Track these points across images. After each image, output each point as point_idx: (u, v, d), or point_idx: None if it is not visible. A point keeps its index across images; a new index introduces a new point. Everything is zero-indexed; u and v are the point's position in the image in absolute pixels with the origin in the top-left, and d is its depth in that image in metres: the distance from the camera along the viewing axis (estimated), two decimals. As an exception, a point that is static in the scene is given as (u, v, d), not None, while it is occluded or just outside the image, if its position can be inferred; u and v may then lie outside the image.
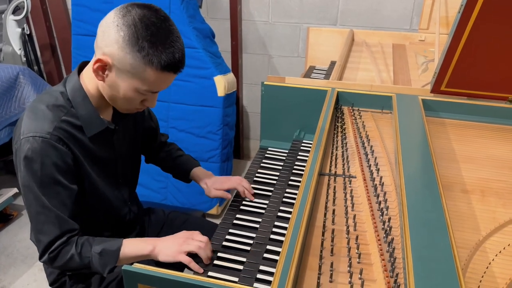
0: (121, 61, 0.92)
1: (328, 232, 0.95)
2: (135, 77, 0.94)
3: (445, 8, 2.05)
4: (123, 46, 0.90)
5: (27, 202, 1.00)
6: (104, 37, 0.93)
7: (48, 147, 0.96)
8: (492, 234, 0.94)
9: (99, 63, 0.94)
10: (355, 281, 0.83)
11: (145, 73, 0.93)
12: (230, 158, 2.44)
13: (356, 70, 1.88)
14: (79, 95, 1.02)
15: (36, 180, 0.96)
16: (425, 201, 0.92)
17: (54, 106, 1.00)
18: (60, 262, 1.01)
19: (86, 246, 1.01)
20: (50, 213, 0.98)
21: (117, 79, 0.96)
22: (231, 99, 2.30)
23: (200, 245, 0.98)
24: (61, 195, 0.99)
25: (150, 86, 0.96)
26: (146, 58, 0.91)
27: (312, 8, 2.46)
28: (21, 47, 2.56)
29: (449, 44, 1.31)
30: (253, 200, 1.22)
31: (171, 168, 1.38)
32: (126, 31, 0.90)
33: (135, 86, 0.96)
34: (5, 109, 2.19)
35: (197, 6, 2.27)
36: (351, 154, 1.24)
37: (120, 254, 1.01)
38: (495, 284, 0.82)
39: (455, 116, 1.43)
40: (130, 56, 0.91)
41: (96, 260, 1.00)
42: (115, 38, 0.91)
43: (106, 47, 0.92)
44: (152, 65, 0.92)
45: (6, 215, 2.44)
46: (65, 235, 1.01)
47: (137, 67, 0.92)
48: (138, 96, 0.99)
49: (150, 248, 1.01)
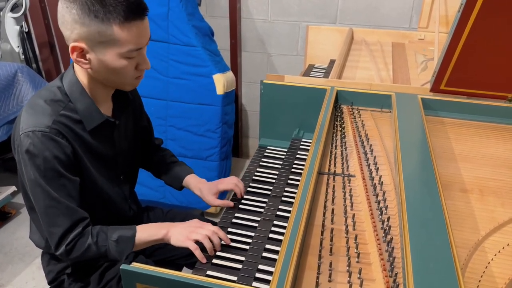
0: (89, 36, 0.92)
1: (327, 231, 0.95)
2: (109, 44, 0.94)
3: (444, 7, 2.05)
4: (82, 21, 0.91)
5: (35, 197, 1.01)
6: (64, 26, 0.94)
7: (48, 141, 0.97)
8: (491, 234, 0.94)
9: (75, 51, 0.95)
10: (354, 281, 0.82)
11: (114, 34, 0.92)
12: (229, 157, 2.44)
13: (355, 69, 1.88)
14: (76, 89, 1.03)
15: (41, 174, 0.98)
16: (424, 201, 0.92)
17: (52, 101, 1.01)
18: (76, 253, 1.03)
19: (101, 235, 1.04)
20: (60, 204, 1.00)
21: (98, 56, 0.96)
22: (230, 98, 2.29)
23: (207, 235, 1.01)
24: (67, 187, 1.01)
25: (128, 44, 0.95)
26: (105, 18, 0.90)
27: (312, 6, 2.45)
28: (20, 45, 2.55)
29: (449, 43, 1.31)
30: (249, 198, 1.22)
31: (164, 173, 1.35)
32: (75, 6, 0.91)
33: (116, 52, 0.95)
34: (3, 107, 2.19)
35: (196, 4, 2.27)
36: (350, 153, 1.24)
37: (135, 240, 1.04)
38: (494, 284, 0.82)
39: (455, 115, 1.43)
40: (92, 25, 0.91)
41: (113, 247, 1.03)
42: (71, 19, 0.91)
43: (71, 34, 0.93)
44: (115, 21, 0.91)
45: (4, 213, 2.44)
46: (78, 224, 1.03)
47: (104, 32, 0.92)
48: (126, 62, 0.98)
49: (164, 232, 1.05)
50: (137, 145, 1.28)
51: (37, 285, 2.02)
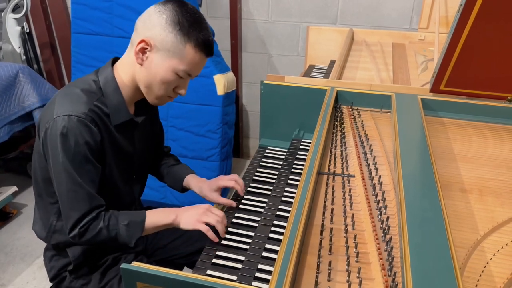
0: (163, 40, 1.02)
1: (326, 231, 0.96)
2: (174, 55, 1.04)
3: (445, 8, 2.05)
4: (165, 26, 1.02)
5: (59, 179, 1.04)
6: (145, 23, 1.04)
7: (82, 127, 1.02)
8: (490, 234, 0.94)
9: (142, 43, 1.03)
10: (353, 280, 0.83)
11: (184, 50, 1.03)
12: (229, 157, 2.44)
13: (355, 69, 1.88)
14: (111, 85, 1.10)
15: (69, 157, 1.02)
16: (424, 201, 0.93)
17: (88, 91, 1.07)
18: (88, 236, 1.06)
19: (112, 220, 1.07)
20: (82, 189, 1.04)
21: (157, 60, 1.05)
22: (231, 98, 2.30)
23: (217, 219, 1.06)
24: (91, 173, 1.06)
25: (187, 65, 1.06)
26: (186, 35, 1.02)
27: (312, 7, 2.46)
28: (21, 46, 2.56)
29: (449, 43, 1.31)
30: (249, 198, 1.22)
31: (166, 175, 1.37)
32: (168, 14, 1.03)
33: (174, 66, 1.05)
34: (4, 107, 2.19)
35: (197, 4, 2.27)
36: (350, 153, 1.24)
37: (145, 225, 1.08)
38: (493, 283, 0.82)
39: (454, 116, 1.43)
40: (172, 34, 1.02)
41: (123, 231, 1.07)
42: (158, 21, 1.02)
43: (148, 31, 1.03)
44: (191, 42, 1.03)
45: (6, 213, 2.44)
46: (94, 210, 1.06)
47: (177, 44, 1.03)
48: (174, 79, 1.07)
49: (173, 217, 1.09)
50: (151, 149, 1.33)
51: (38, 285, 2.02)
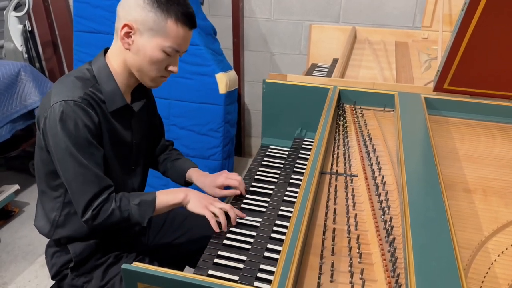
0: (144, 20, 1.04)
1: (329, 231, 0.95)
2: (158, 34, 1.05)
3: (448, 6, 2.04)
4: (144, 6, 1.04)
5: (65, 165, 1.05)
6: (125, 8, 1.06)
7: (79, 110, 1.04)
8: (494, 234, 0.93)
9: (125, 28, 1.05)
10: (356, 281, 0.82)
11: (166, 27, 1.05)
12: (231, 156, 2.44)
13: (358, 68, 1.87)
14: (104, 72, 1.12)
15: (72, 141, 1.03)
16: (427, 201, 0.92)
17: (82, 78, 1.09)
18: (101, 218, 1.07)
19: (124, 200, 1.09)
20: (89, 171, 1.06)
21: (143, 41, 1.06)
22: (233, 97, 2.29)
23: (225, 210, 1.10)
24: (95, 155, 1.08)
25: (173, 41, 1.07)
26: (165, 11, 1.04)
27: (314, 5, 2.45)
28: (23, 44, 2.56)
29: (452, 41, 1.30)
30: (251, 198, 1.22)
31: (169, 169, 1.37)
32: None
33: (160, 44, 1.06)
34: (6, 105, 2.19)
35: (199, 3, 2.26)
36: (352, 152, 1.23)
37: (156, 204, 1.11)
38: (497, 285, 0.81)
39: (458, 115, 1.42)
40: (152, 13, 1.04)
41: (136, 211, 1.09)
42: (136, 3, 1.04)
43: (129, 15, 1.05)
44: (172, 17, 1.04)
45: (8, 212, 2.45)
46: (104, 191, 1.08)
47: (158, 21, 1.04)
48: (163, 57, 1.08)
49: (182, 196, 1.13)
50: (150, 140, 1.33)
51: (40, 284, 2.02)
